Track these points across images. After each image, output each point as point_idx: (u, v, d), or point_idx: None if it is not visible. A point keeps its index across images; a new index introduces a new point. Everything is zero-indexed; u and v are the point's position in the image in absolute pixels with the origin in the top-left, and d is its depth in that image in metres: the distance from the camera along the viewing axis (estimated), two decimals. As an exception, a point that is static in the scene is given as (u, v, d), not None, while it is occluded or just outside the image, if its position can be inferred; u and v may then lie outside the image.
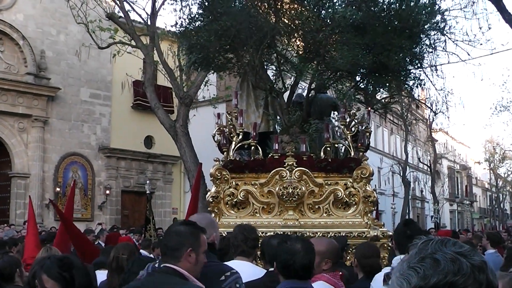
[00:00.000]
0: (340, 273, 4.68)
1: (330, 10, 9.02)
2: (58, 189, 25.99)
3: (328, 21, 8.88)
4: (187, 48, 10.02)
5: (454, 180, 70.72)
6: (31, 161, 25.60)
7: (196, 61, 9.91)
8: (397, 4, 9.06)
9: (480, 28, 12.74)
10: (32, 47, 25.63)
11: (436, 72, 10.88)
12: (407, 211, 37.98)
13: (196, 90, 17.92)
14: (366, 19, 8.67)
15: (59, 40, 27.06)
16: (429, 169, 45.31)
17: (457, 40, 11.21)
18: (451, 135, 66.05)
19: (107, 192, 28.02)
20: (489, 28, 13.72)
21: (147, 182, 19.77)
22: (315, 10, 9.19)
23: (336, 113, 10.19)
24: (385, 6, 9.22)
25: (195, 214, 4.74)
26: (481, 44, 12.39)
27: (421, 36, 9.31)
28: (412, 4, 8.93)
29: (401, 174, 38.75)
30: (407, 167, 39.54)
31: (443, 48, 10.24)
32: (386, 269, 5.06)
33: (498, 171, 70.06)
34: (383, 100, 11.18)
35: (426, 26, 9.16)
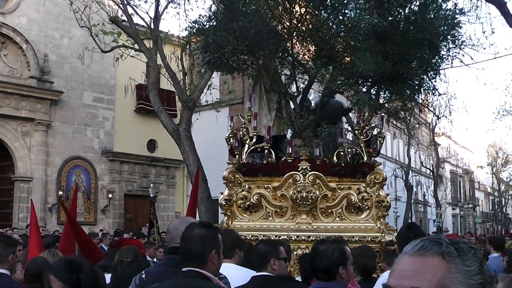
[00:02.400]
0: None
1: (352, 16, 9.04)
2: (61, 192, 25.97)
3: (349, 25, 8.88)
4: (202, 47, 9.94)
5: (457, 184, 70.70)
6: (34, 164, 25.61)
7: (210, 60, 9.87)
8: (417, 15, 9.08)
9: (484, 32, 12.75)
10: (35, 50, 25.65)
11: (439, 76, 10.88)
12: (410, 215, 37.97)
13: (199, 93, 17.89)
14: (388, 28, 8.68)
15: (62, 43, 27.10)
16: (431, 173, 45.31)
17: (460, 44, 11.19)
18: (454, 139, 66.08)
19: (110, 196, 28.01)
20: (493, 32, 13.73)
21: (151, 185, 19.77)
22: (330, 15, 9.20)
23: (344, 117, 10.22)
24: (407, 16, 9.25)
25: (175, 220, 4.73)
26: (484, 48, 12.39)
27: (441, 47, 9.34)
28: (432, 15, 8.95)
29: (404, 178, 38.73)
30: (410, 171, 39.52)
31: (459, 60, 10.25)
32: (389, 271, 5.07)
33: (500, 176, 70.03)
34: (395, 105, 11.20)
35: (449, 36, 9.19)
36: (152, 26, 17.89)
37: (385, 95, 10.26)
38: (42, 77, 25.91)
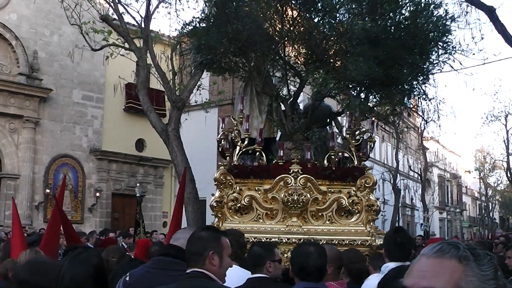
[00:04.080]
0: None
1: (345, 20, 9.12)
2: (48, 190, 25.88)
3: (342, 30, 8.95)
4: (195, 48, 9.96)
5: (444, 189, 70.96)
6: (21, 162, 25.50)
7: (203, 61, 9.89)
8: (409, 21, 9.16)
9: (473, 38, 12.75)
10: (25, 47, 25.57)
11: (428, 81, 10.93)
12: (397, 219, 38.07)
13: (188, 94, 17.84)
14: (381, 33, 8.76)
15: (52, 41, 27.01)
16: (419, 177, 45.49)
17: (450, 50, 11.24)
18: (442, 144, 66.34)
19: (98, 194, 27.94)
20: (482, 38, 13.73)
21: (137, 185, 19.72)
22: (322, 19, 9.27)
23: (333, 121, 10.30)
24: (399, 21, 9.33)
25: (181, 229, 4.76)
26: (473, 54, 12.39)
27: (432, 52, 9.44)
28: (424, 21, 9.03)
29: (392, 182, 38.82)
30: (398, 174, 39.63)
31: (449, 65, 10.33)
32: (375, 275, 5.10)
33: (488, 180, 70.30)
34: (385, 109, 11.29)
35: (439, 42, 9.29)
36: (143, 25, 17.84)
37: (376, 100, 10.32)
38: (31, 74, 25.82)
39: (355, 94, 10.24)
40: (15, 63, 25.56)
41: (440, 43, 9.37)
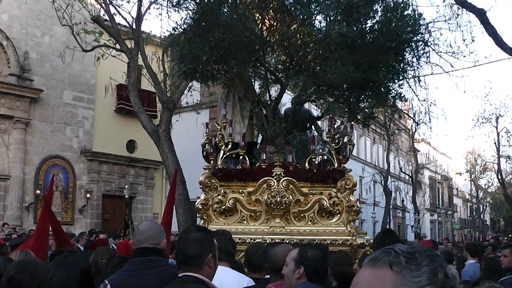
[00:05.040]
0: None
1: (322, 26, 9.28)
2: (38, 191, 25.77)
3: (321, 36, 9.10)
4: (178, 58, 10.08)
5: (435, 191, 71.21)
6: (11, 163, 25.40)
7: (186, 71, 10.03)
8: (382, 24, 9.38)
9: (464, 40, 12.78)
10: (16, 48, 25.47)
11: (420, 83, 10.99)
12: (388, 221, 38.12)
13: (179, 95, 17.85)
14: (357, 37, 8.93)
15: (43, 41, 26.93)
16: (410, 179, 45.53)
17: (441, 52, 11.29)
18: (433, 146, 66.49)
19: (88, 195, 27.86)
20: (473, 41, 13.75)
21: (126, 186, 19.67)
22: (300, 26, 9.39)
23: (313, 125, 10.50)
24: (373, 25, 9.52)
25: (144, 222, 4.70)
26: (464, 56, 12.45)
27: (406, 52, 9.63)
28: (396, 22, 9.20)
29: (383, 184, 38.88)
30: (389, 176, 39.69)
31: (427, 60, 10.42)
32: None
33: (479, 182, 70.64)
34: (366, 111, 11.41)
35: (412, 42, 9.47)
36: (134, 26, 17.84)
37: (355, 102, 10.43)
38: (22, 75, 25.73)
39: (334, 98, 10.39)
40: (6, 64, 25.46)
41: (412, 43, 9.56)
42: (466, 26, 12.51)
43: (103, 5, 18.33)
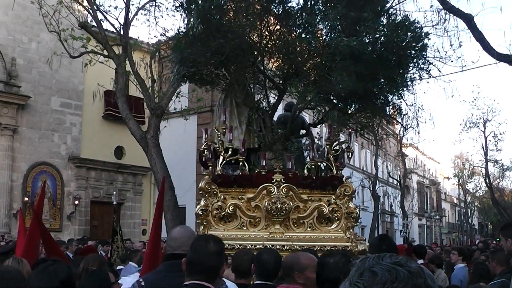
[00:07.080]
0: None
1: (326, 36, 9.38)
2: (26, 198, 25.63)
3: (326, 46, 9.19)
4: (178, 61, 10.12)
5: (424, 195, 71.46)
6: (-1, 169, 25.27)
7: (186, 74, 10.06)
8: (387, 38, 9.44)
9: (451, 45, 12.84)
10: (2, 54, 25.37)
11: (407, 88, 11.06)
12: (377, 225, 38.21)
13: (167, 101, 17.82)
14: (364, 49, 9.04)
15: (30, 48, 26.83)
16: (398, 184, 45.71)
17: (428, 57, 11.36)
18: (421, 150, 66.70)
19: (76, 202, 27.73)
20: (460, 46, 13.80)
21: (114, 193, 19.57)
22: (300, 34, 9.47)
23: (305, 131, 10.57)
24: (378, 38, 9.60)
25: (177, 229, 4.70)
26: (452, 61, 12.51)
27: (409, 66, 9.74)
28: (402, 36, 9.29)
29: (371, 188, 38.99)
30: (377, 181, 39.80)
31: (429, 76, 10.55)
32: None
33: (466, 187, 70.86)
34: (363, 120, 11.55)
35: (415, 57, 9.59)
36: (122, 32, 17.81)
37: (353, 111, 10.54)
38: (9, 81, 25.61)
39: (333, 106, 10.46)
40: (-7, 70, 25.35)
41: (416, 59, 9.64)
42: (453, 31, 12.57)
43: (91, 11, 18.30)
